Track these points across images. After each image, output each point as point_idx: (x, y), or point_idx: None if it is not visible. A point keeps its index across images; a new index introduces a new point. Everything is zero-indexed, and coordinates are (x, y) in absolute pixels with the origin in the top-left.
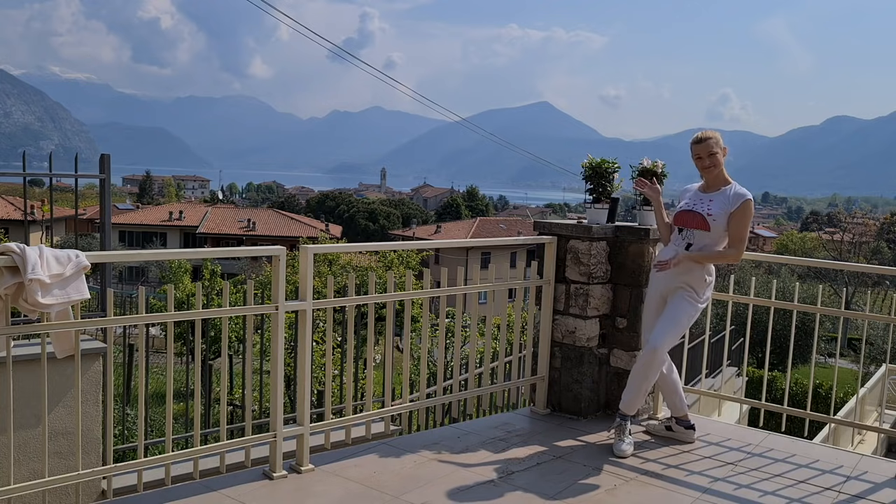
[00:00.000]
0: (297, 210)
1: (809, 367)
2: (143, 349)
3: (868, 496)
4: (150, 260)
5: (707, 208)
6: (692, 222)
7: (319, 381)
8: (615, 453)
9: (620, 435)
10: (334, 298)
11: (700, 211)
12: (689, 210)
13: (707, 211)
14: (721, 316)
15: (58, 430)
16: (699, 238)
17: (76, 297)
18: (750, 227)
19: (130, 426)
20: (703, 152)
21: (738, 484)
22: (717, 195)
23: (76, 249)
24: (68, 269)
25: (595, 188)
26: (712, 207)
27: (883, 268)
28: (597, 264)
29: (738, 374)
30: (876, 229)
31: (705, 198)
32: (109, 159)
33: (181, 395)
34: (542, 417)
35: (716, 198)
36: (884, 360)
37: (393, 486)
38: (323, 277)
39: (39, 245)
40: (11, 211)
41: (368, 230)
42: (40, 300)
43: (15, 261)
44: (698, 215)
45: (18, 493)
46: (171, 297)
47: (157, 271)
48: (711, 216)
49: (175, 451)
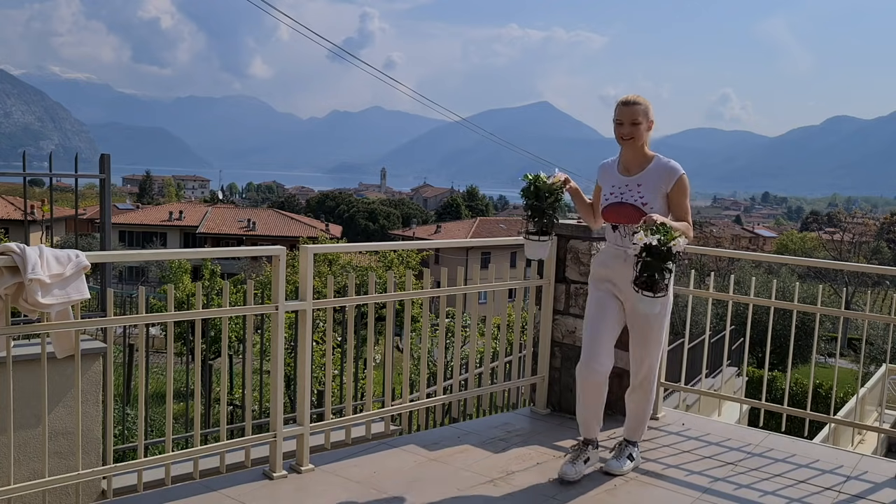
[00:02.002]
0: (297, 210)
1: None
2: (143, 349)
3: (868, 496)
4: (150, 260)
5: (639, 196)
6: (627, 217)
7: (319, 381)
8: (559, 473)
9: (576, 457)
10: (334, 298)
11: (632, 202)
12: (620, 203)
13: (640, 200)
14: (721, 316)
15: (58, 429)
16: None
17: (76, 297)
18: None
19: (130, 426)
20: (625, 117)
21: (738, 484)
22: (644, 176)
23: (76, 249)
24: (68, 269)
25: (535, 215)
26: (644, 193)
27: (883, 268)
28: None
29: (738, 374)
30: (876, 229)
31: (631, 182)
32: (109, 159)
33: (181, 395)
34: (543, 417)
35: (644, 180)
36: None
37: (393, 486)
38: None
39: (39, 245)
40: (11, 211)
41: (368, 230)
42: (40, 300)
43: (15, 261)
44: (631, 207)
45: (18, 493)
46: (171, 297)
47: (157, 271)
48: (647, 205)
49: (175, 451)
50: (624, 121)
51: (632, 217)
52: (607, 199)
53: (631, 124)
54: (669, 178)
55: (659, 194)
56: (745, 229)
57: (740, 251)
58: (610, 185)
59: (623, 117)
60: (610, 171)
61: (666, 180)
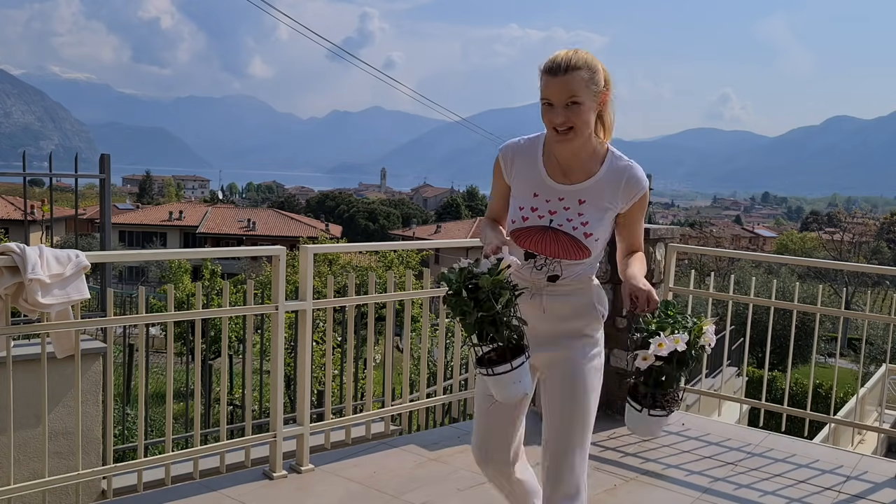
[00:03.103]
0: (297, 210)
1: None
2: (143, 349)
3: (868, 496)
4: (150, 260)
5: (581, 223)
6: (557, 250)
7: (319, 381)
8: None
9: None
10: (334, 298)
11: (569, 231)
12: (547, 229)
13: (583, 229)
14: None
15: (58, 430)
16: (570, 267)
17: (76, 297)
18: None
19: (130, 426)
20: (556, 94)
21: (738, 484)
22: (591, 189)
23: (76, 249)
24: (68, 268)
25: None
26: (589, 218)
27: (883, 268)
28: None
29: (738, 374)
30: (876, 229)
31: (569, 196)
32: (109, 159)
33: (181, 395)
34: None
35: (590, 195)
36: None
37: (393, 486)
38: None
39: (39, 245)
40: (11, 211)
41: (368, 230)
42: (40, 300)
43: (15, 261)
44: (568, 240)
45: (19, 493)
46: (171, 297)
47: (157, 271)
48: (593, 236)
49: (175, 451)
50: (554, 101)
51: (564, 250)
52: (525, 217)
53: (567, 105)
54: (629, 193)
55: (607, 216)
56: (745, 229)
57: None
58: (530, 193)
59: (552, 94)
60: (531, 167)
61: (624, 195)
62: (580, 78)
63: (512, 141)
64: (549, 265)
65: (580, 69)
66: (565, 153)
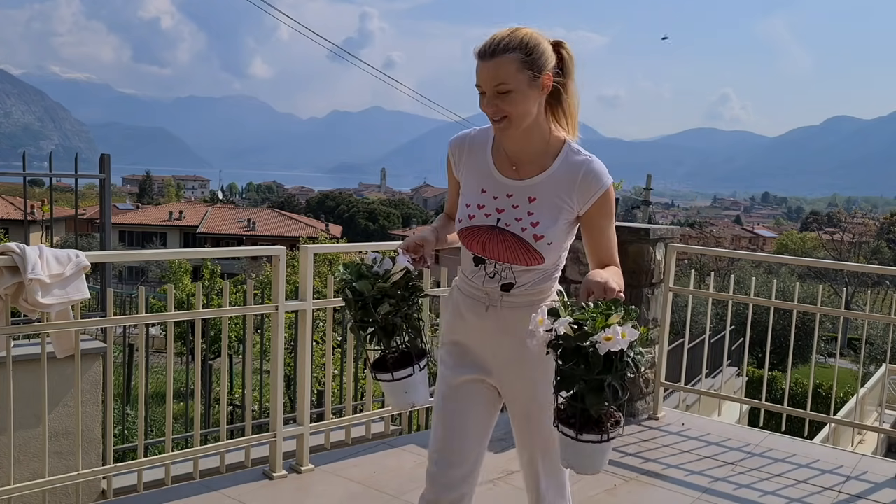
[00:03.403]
0: (297, 210)
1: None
2: (144, 349)
3: (868, 496)
4: (150, 260)
5: (530, 222)
6: (506, 255)
7: (319, 381)
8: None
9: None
10: (334, 298)
11: (517, 231)
12: (494, 228)
13: (533, 231)
14: (721, 316)
15: (58, 430)
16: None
17: (76, 297)
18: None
19: (130, 426)
20: (486, 80)
21: (738, 484)
22: (543, 184)
23: (76, 249)
24: (68, 268)
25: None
26: (540, 217)
27: (883, 268)
28: None
29: (738, 374)
30: (876, 229)
31: (518, 192)
32: (109, 159)
33: (181, 395)
34: None
35: (541, 192)
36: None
37: (393, 486)
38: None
39: (39, 245)
40: (11, 211)
41: (368, 230)
42: (40, 300)
43: (15, 261)
44: (515, 241)
45: (19, 493)
46: (171, 297)
47: (157, 271)
48: (544, 239)
49: (175, 451)
50: (484, 88)
51: (515, 257)
52: (471, 216)
53: (497, 94)
54: (586, 191)
55: (562, 217)
56: (745, 229)
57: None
58: (478, 189)
59: (481, 81)
60: (480, 160)
61: (580, 193)
62: (510, 62)
63: (463, 132)
64: (502, 272)
65: (512, 51)
66: (512, 145)
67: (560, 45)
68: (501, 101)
